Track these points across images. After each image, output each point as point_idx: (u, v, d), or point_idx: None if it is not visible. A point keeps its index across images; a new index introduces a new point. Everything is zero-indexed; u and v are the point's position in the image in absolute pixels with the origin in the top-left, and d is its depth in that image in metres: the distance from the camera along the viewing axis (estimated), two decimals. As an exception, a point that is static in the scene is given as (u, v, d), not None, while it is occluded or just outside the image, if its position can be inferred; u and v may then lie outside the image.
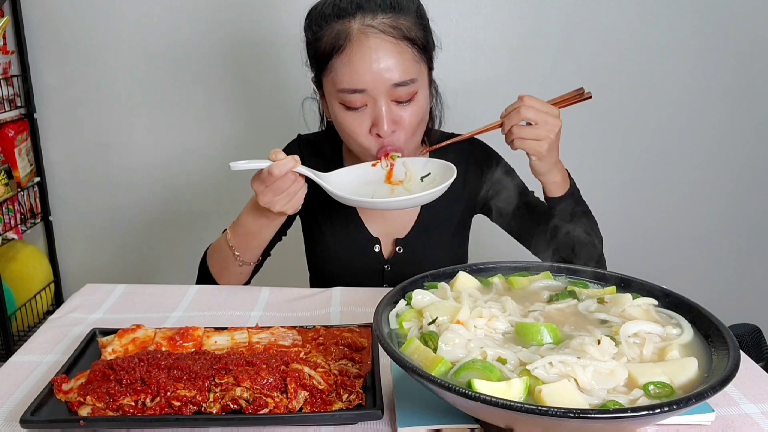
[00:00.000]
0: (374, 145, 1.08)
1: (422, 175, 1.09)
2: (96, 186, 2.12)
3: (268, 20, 1.97)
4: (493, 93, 2.05)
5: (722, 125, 2.16)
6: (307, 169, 1.02)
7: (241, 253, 1.13)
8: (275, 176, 0.98)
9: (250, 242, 1.13)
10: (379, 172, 1.11)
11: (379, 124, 1.04)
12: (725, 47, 2.07)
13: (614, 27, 2.02)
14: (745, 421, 0.72)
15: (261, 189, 1.01)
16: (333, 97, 1.07)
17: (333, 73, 1.04)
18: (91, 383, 0.72)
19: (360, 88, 1.02)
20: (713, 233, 2.27)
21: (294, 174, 1.00)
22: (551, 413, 0.53)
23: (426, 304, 0.76)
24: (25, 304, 2.00)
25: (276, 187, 1.00)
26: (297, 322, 0.96)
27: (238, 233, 1.13)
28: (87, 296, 1.06)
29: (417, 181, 1.09)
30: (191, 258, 2.16)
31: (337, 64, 1.03)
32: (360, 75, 1.01)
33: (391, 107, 1.05)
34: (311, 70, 1.14)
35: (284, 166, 0.98)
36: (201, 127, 2.06)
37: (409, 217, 1.24)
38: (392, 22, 1.03)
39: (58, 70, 2.01)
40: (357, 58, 1.01)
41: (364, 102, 1.04)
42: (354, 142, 1.10)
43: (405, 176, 1.11)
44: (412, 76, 1.04)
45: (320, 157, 1.28)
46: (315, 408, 0.70)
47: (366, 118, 1.06)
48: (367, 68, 1.01)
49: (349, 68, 1.02)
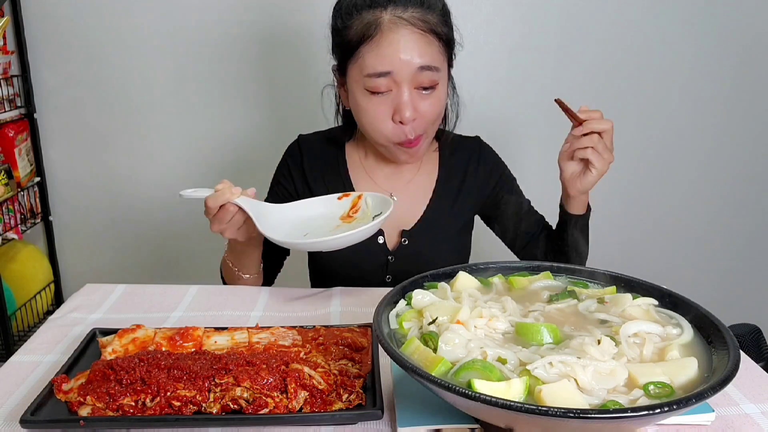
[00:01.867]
0: (396, 133, 1.12)
1: (374, 214, 1.09)
2: (96, 186, 2.12)
3: (269, 19, 1.97)
4: (493, 93, 2.06)
5: (722, 125, 2.16)
6: (246, 201, 1.03)
7: (238, 268, 1.18)
8: (211, 209, 1.02)
9: (242, 259, 1.17)
10: (341, 206, 1.12)
11: (402, 110, 1.08)
12: (726, 47, 2.07)
13: (614, 27, 2.02)
14: (745, 421, 0.72)
15: (209, 218, 1.06)
16: (358, 83, 1.11)
17: (361, 59, 1.08)
18: (91, 383, 0.72)
19: (386, 71, 1.07)
20: (713, 233, 2.27)
21: (234, 206, 1.03)
22: (551, 413, 0.53)
23: (426, 304, 0.76)
24: (25, 304, 2.00)
25: (218, 218, 1.04)
26: (297, 322, 0.96)
27: (230, 251, 1.18)
28: (87, 296, 1.06)
29: (369, 219, 1.08)
30: (191, 258, 2.18)
31: (365, 50, 1.08)
32: (387, 59, 1.06)
33: (413, 95, 1.09)
34: (334, 58, 1.18)
35: (217, 200, 1.02)
36: (202, 127, 2.06)
37: (417, 210, 1.26)
38: (421, 15, 1.08)
39: (58, 70, 2.01)
40: (386, 43, 1.06)
41: (389, 87, 1.08)
42: (375, 130, 1.13)
43: (362, 214, 1.11)
44: (436, 65, 1.09)
45: (322, 157, 1.29)
46: (315, 408, 0.70)
47: (389, 104, 1.10)
48: (395, 52, 1.06)
49: (378, 53, 1.07)
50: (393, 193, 1.25)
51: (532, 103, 2.05)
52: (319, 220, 1.11)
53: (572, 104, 1.09)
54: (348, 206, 1.12)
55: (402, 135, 1.11)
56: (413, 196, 1.27)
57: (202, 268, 2.20)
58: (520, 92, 2.07)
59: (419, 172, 1.29)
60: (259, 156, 2.04)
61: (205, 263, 2.19)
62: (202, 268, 2.20)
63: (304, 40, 1.96)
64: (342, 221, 1.11)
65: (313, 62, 1.94)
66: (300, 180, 1.29)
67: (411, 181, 1.28)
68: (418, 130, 1.12)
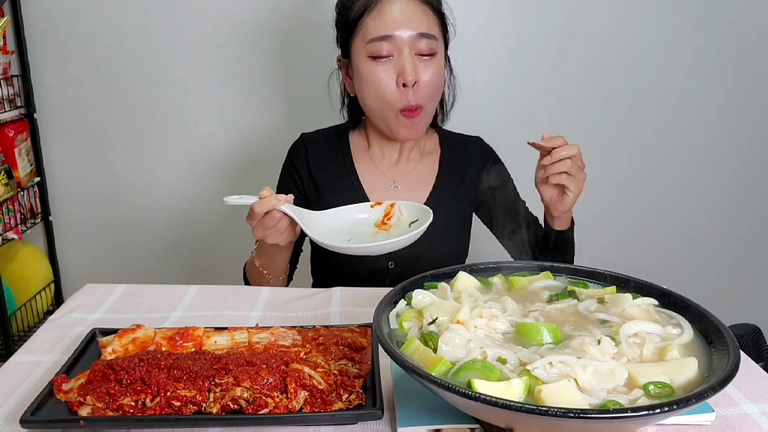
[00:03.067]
0: (400, 99, 1.17)
1: (411, 221, 1.12)
2: (96, 186, 2.12)
3: (272, 17, 1.97)
4: (493, 93, 2.06)
5: (722, 125, 2.16)
6: (290, 208, 1.07)
7: (268, 272, 1.21)
8: (257, 214, 1.05)
9: (271, 263, 1.20)
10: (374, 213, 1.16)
11: (405, 73, 1.14)
12: (725, 47, 2.07)
13: (614, 27, 2.02)
14: (745, 421, 0.72)
15: (252, 224, 1.08)
16: (361, 54, 1.17)
17: (363, 29, 1.16)
18: (91, 383, 0.72)
19: (388, 34, 1.14)
20: (713, 233, 2.27)
21: (280, 212, 1.06)
22: (551, 413, 0.53)
23: (426, 304, 0.76)
24: (25, 304, 2.00)
25: (263, 224, 1.07)
26: (297, 322, 0.96)
27: (261, 255, 1.21)
28: (87, 296, 1.06)
29: (405, 226, 1.13)
30: (191, 258, 2.18)
31: (368, 20, 1.16)
32: (388, 23, 1.14)
33: (414, 59, 1.16)
34: (338, 45, 1.26)
35: (264, 206, 1.05)
36: (201, 127, 2.06)
37: (424, 188, 1.31)
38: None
39: (59, 70, 2.01)
40: (387, 10, 1.15)
41: (391, 52, 1.15)
42: (378, 96, 1.18)
43: (397, 221, 1.15)
44: (434, 34, 1.17)
45: (326, 148, 1.33)
46: (315, 408, 0.70)
47: (392, 69, 1.16)
48: (395, 18, 1.14)
49: (379, 19, 1.15)
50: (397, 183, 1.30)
51: (531, 103, 2.05)
52: (359, 226, 1.15)
53: (571, 105, 1.09)
54: (381, 214, 1.16)
55: (405, 100, 1.16)
56: (415, 187, 1.31)
57: (203, 268, 2.21)
58: (520, 92, 2.07)
59: (421, 162, 1.33)
60: (262, 156, 2.04)
61: (205, 263, 2.20)
62: (203, 268, 2.21)
63: (308, 38, 1.96)
64: (378, 228, 1.15)
65: (318, 60, 1.93)
66: (306, 175, 1.32)
67: (414, 170, 1.32)
68: (420, 99, 1.17)
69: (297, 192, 1.32)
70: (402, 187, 1.30)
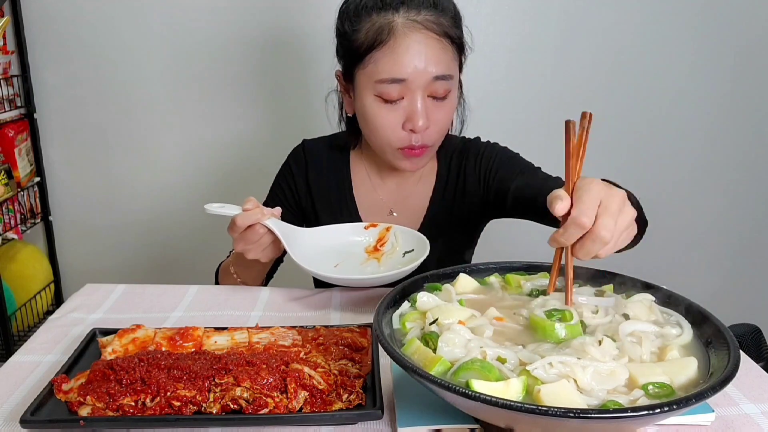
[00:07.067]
0: (403, 140, 1.08)
1: (405, 250, 1.07)
2: (96, 186, 2.12)
3: (271, 21, 1.97)
4: (493, 94, 2.06)
5: (723, 125, 2.16)
6: (275, 223, 1.01)
7: (243, 280, 1.16)
8: (239, 227, 0.99)
9: (247, 272, 1.16)
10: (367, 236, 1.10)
11: (415, 119, 1.05)
12: (725, 48, 2.08)
13: (614, 27, 2.02)
14: (745, 421, 0.72)
15: (233, 236, 1.02)
16: (368, 90, 1.06)
17: (372, 64, 1.04)
18: (91, 383, 0.72)
19: (401, 78, 1.03)
20: (713, 233, 2.27)
21: (263, 227, 1.00)
22: (551, 413, 0.53)
23: (431, 307, 0.75)
24: (25, 304, 2.00)
25: (244, 238, 1.01)
26: (297, 322, 0.96)
27: (237, 263, 1.15)
28: (87, 296, 1.06)
29: (399, 256, 1.06)
30: (191, 258, 2.18)
31: (378, 56, 1.03)
32: (403, 66, 1.02)
33: (427, 103, 1.06)
34: (340, 63, 1.14)
35: (247, 219, 0.99)
36: (202, 127, 2.06)
37: (419, 213, 1.24)
38: (435, 18, 1.04)
39: (59, 70, 2.01)
40: (401, 50, 1.02)
41: (402, 95, 1.05)
42: (381, 137, 1.10)
43: (390, 248, 1.09)
44: (451, 73, 1.06)
45: (326, 164, 1.27)
46: (315, 408, 0.70)
47: (400, 112, 1.06)
48: (411, 60, 1.02)
49: (392, 59, 1.02)
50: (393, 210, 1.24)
51: (531, 103, 2.06)
52: (349, 248, 1.09)
53: (571, 105, 1.09)
54: (375, 238, 1.10)
55: (407, 141, 1.08)
56: (412, 209, 1.25)
57: (202, 269, 2.20)
58: (520, 93, 2.07)
59: (419, 183, 1.26)
60: (260, 159, 2.04)
61: (205, 263, 2.19)
62: (202, 268, 2.20)
63: (307, 44, 1.96)
64: (369, 254, 1.09)
65: (316, 66, 1.94)
66: (303, 186, 1.27)
67: (411, 195, 1.25)
68: (426, 140, 1.08)
69: (291, 196, 1.27)
70: (400, 212, 1.24)
